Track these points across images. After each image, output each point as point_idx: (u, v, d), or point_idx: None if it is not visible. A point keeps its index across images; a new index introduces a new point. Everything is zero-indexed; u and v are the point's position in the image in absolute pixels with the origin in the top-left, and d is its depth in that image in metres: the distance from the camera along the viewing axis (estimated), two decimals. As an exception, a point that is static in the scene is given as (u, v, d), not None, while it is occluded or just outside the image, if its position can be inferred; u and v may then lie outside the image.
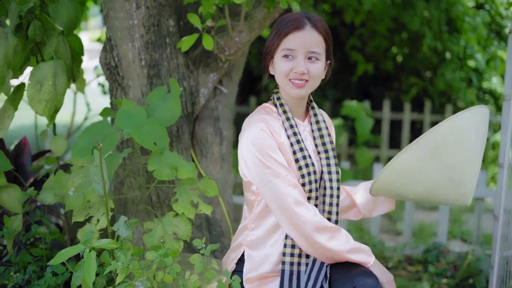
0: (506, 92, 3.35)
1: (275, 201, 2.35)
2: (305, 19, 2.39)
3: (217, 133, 3.41)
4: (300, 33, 2.37)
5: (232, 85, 3.52)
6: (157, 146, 2.69)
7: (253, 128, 2.38)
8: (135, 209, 3.06)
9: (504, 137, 3.32)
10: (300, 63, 2.37)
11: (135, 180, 3.03)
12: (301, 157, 2.41)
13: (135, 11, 2.95)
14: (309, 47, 2.38)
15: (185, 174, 2.74)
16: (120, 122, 2.73)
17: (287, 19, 2.40)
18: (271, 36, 2.42)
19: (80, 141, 2.73)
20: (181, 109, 3.12)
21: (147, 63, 3.00)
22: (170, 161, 2.74)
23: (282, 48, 2.39)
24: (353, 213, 2.78)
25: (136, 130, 2.70)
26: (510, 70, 3.31)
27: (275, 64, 2.43)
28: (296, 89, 2.41)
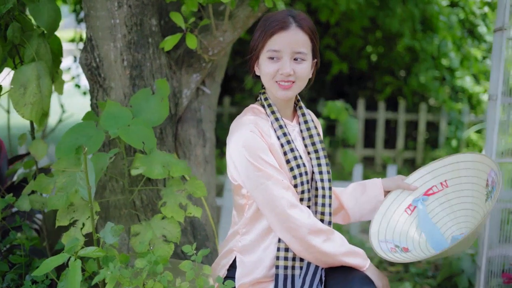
0: (492, 92, 3.33)
1: (268, 204, 2.28)
2: (289, 18, 2.32)
3: (200, 135, 3.34)
4: (285, 34, 2.30)
5: (215, 85, 3.45)
6: (145, 145, 2.62)
7: (243, 130, 2.32)
8: (117, 213, 2.97)
9: (490, 137, 3.30)
10: (286, 65, 2.31)
11: (118, 184, 2.94)
12: (292, 158, 2.35)
13: (116, 10, 2.87)
14: (295, 47, 2.32)
15: (178, 172, 2.67)
16: (105, 123, 2.65)
17: (271, 18, 2.33)
18: (255, 36, 2.35)
19: (64, 141, 2.64)
20: (165, 110, 3.04)
21: (129, 63, 2.91)
22: (161, 159, 2.67)
23: (267, 49, 2.32)
24: (341, 216, 2.70)
25: (123, 129, 2.62)
26: (495, 69, 3.29)
27: (261, 65, 2.36)
28: (282, 91, 2.35)
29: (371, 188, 2.63)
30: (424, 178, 2.64)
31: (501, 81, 3.21)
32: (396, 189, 2.63)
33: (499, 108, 3.22)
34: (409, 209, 2.60)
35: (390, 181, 2.65)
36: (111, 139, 2.82)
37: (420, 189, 2.63)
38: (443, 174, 2.62)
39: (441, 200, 2.61)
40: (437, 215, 2.60)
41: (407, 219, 2.59)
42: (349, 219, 2.68)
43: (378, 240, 2.50)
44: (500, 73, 3.21)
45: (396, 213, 2.59)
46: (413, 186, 2.61)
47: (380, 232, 2.53)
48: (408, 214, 2.59)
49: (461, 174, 2.57)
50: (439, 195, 2.61)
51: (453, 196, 2.59)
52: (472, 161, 2.54)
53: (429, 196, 2.62)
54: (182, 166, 2.68)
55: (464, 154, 2.58)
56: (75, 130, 2.68)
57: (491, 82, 3.36)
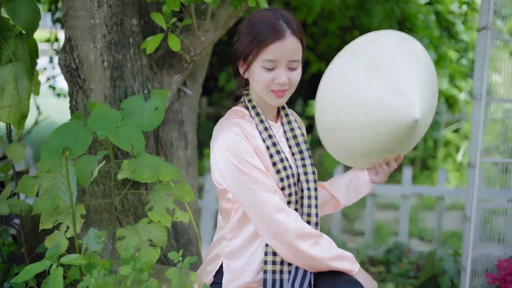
0: (476, 91, 3.31)
1: (254, 209, 2.23)
2: (284, 25, 2.24)
3: (182, 137, 3.28)
4: (281, 43, 2.23)
5: (196, 86, 3.40)
6: (134, 148, 2.56)
7: (227, 133, 2.26)
8: (98, 218, 2.90)
9: (475, 137, 3.29)
10: (282, 74, 2.25)
11: (98, 188, 2.87)
12: (278, 160, 2.30)
13: (96, 10, 2.80)
14: (291, 56, 2.26)
15: (168, 176, 2.61)
16: (93, 125, 2.58)
17: (263, 24, 2.24)
18: (245, 40, 2.26)
19: (50, 142, 2.55)
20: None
21: (109, 64, 2.85)
22: (150, 163, 2.61)
23: (262, 58, 2.24)
24: (332, 206, 2.64)
25: (112, 131, 2.55)
26: (479, 68, 3.28)
27: (253, 72, 2.29)
28: (277, 99, 2.30)
29: (352, 171, 2.62)
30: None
31: (485, 80, 3.20)
32: (382, 181, 2.62)
33: (484, 108, 3.21)
34: None
35: (375, 173, 2.62)
36: (98, 140, 2.75)
37: None
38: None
39: None
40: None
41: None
42: (339, 204, 2.63)
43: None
44: (484, 72, 3.20)
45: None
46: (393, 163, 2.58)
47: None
48: None
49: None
50: None
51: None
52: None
53: None
54: (171, 170, 2.63)
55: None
56: (62, 130, 2.59)
57: (474, 81, 3.35)
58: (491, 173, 3.75)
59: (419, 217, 6.98)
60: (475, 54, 3.35)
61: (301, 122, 2.56)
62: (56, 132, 2.58)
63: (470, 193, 3.32)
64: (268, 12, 2.29)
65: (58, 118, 9.48)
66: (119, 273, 2.21)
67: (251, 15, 2.32)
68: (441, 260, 4.46)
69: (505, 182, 3.75)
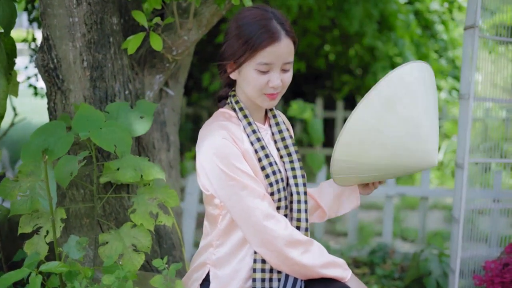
0: (463, 91, 3.26)
1: (242, 216, 2.15)
2: (277, 26, 2.16)
3: (164, 139, 3.20)
4: (277, 46, 2.14)
5: (179, 87, 3.31)
6: (118, 149, 2.47)
7: (214, 137, 2.17)
8: (78, 223, 2.81)
9: (462, 137, 3.24)
10: (276, 77, 2.17)
11: (78, 192, 2.78)
12: (267, 164, 2.22)
13: (75, 8, 2.70)
14: (285, 58, 2.18)
15: (152, 175, 2.52)
16: (77, 126, 2.49)
17: (255, 24, 2.14)
18: (236, 43, 2.16)
19: (31, 142, 2.46)
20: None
21: (89, 64, 2.75)
22: (133, 163, 2.52)
23: (256, 62, 2.15)
24: (317, 215, 2.56)
25: (94, 131, 2.46)
26: (467, 68, 3.23)
27: (245, 75, 2.19)
28: (269, 101, 2.23)
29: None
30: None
31: (473, 80, 3.15)
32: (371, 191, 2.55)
33: (472, 107, 3.16)
34: None
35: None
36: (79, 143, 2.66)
37: None
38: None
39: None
40: None
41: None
42: (325, 214, 2.54)
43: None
44: (472, 72, 3.15)
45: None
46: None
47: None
48: None
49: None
50: None
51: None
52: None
53: None
54: (155, 169, 2.54)
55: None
56: (43, 131, 2.50)
57: (462, 81, 3.30)
58: (471, 172, 3.72)
59: (401, 217, 6.95)
60: (462, 53, 3.31)
61: (289, 124, 2.49)
62: (37, 133, 2.49)
63: (458, 194, 3.27)
64: (258, 10, 2.19)
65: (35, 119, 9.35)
66: (102, 282, 2.13)
67: (239, 14, 2.22)
68: (426, 261, 4.42)
69: (486, 182, 3.73)
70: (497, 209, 3.71)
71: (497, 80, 3.68)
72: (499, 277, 3.34)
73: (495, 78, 3.65)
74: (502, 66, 3.73)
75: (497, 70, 3.71)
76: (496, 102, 3.45)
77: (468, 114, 3.16)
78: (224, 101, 2.37)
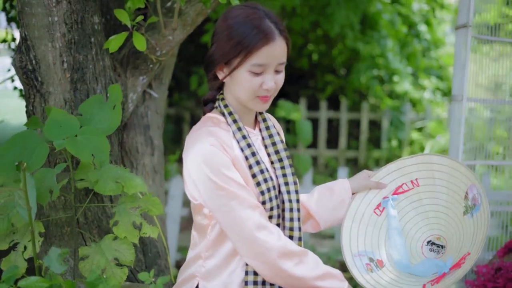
0: (456, 92, 3.18)
1: (233, 227, 2.03)
2: (271, 25, 2.05)
3: (147, 143, 3.08)
4: (272, 46, 2.03)
5: (162, 89, 3.20)
6: (96, 158, 2.35)
7: (202, 144, 2.05)
8: (59, 232, 2.68)
9: (455, 139, 3.15)
10: (270, 78, 2.06)
11: (58, 199, 2.65)
12: (259, 171, 2.11)
13: (55, 6, 2.58)
14: (280, 59, 2.07)
15: (134, 188, 2.39)
16: (49, 133, 2.35)
17: (249, 24, 2.03)
18: (228, 44, 2.04)
19: (3, 156, 2.31)
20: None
21: (69, 65, 2.63)
22: (114, 174, 2.40)
23: (251, 63, 2.03)
24: (310, 225, 2.43)
25: (70, 140, 2.33)
26: (459, 68, 3.15)
27: (238, 77, 2.07)
28: (262, 104, 2.11)
29: (339, 192, 2.39)
30: (392, 175, 2.41)
31: (466, 80, 3.07)
32: (364, 189, 2.41)
33: (465, 109, 3.07)
34: (378, 209, 2.38)
35: (357, 181, 2.41)
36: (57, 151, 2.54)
37: (389, 187, 2.40)
38: (414, 172, 2.39)
39: (412, 198, 2.39)
40: (407, 215, 2.39)
41: (377, 221, 2.37)
42: (318, 226, 2.43)
43: (352, 254, 2.29)
44: (465, 72, 3.06)
45: (365, 216, 2.37)
46: (382, 184, 2.39)
47: (352, 243, 2.31)
48: (378, 215, 2.38)
49: (435, 176, 2.36)
50: (410, 193, 2.39)
51: (425, 196, 2.38)
52: (447, 166, 2.34)
53: (399, 195, 2.40)
54: (137, 181, 2.41)
55: (438, 156, 2.36)
56: (14, 143, 2.35)
57: (454, 82, 3.22)
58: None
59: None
60: (454, 54, 3.22)
61: (279, 127, 2.38)
62: (9, 144, 2.34)
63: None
64: (249, 9, 2.07)
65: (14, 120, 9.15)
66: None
67: (229, 13, 2.09)
68: (415, 265, 4.33)
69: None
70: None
71: (481, 80, 3.61)
72: (492, 282, 3.26)
73: (479, 78, 3.58)
74: (485, 66, 3.66)
75: (480, 70, 3.64)
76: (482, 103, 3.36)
77: (461, 115, 3.08)
78: (211, 104, 2.25)
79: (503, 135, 3.76)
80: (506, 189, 3.92)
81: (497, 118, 3.84)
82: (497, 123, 3.81)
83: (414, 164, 2.39)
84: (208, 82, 2.23)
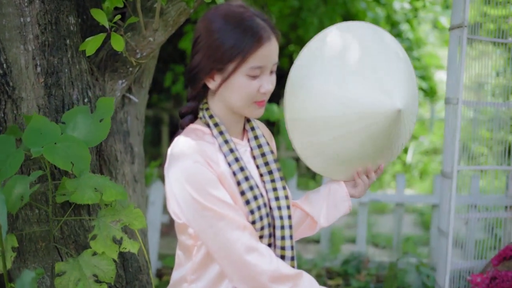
0: (450, 95, 3.04)
1: (221, 250, 1.87)
2: (264, 23, 1.90)
3: (127, 150, 2.91)
4: (268, 46, 1.88)
5: (143, 93, 3.04)
6: (75, 167, 2.19)
7: (185, 160, 1.87)
8: (33, 247, 2.51)
9: (451, 144, 3.02)
10: (267, 81, 1.91)
11: (33, 213, 2.48)
12: (248, 188, 1.93)
13: (27, 6, 2.41)
14: (275, 58, 1.92)
15: (113, 196, 2.22)
16: (28, 140, 2.19)
17: (242, 25, 1.87)
18: (221, 49, 1.87)
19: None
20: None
21: (43, 69, 2.46)
22: (92, 182, 2.23)
23: (249, 66, 1.87)
24: (307, 226, 2.27)
25: (48, 147, 2.18)
26: (454, 70, 3.02)
27: (233, 83, 1.90)
28: (259, 109, 1.95)
29: (332, 183, 2.27)
30: None
31: (461, 83, 2.93)
32: (361, 195, 2.30)
33: (461, 113, 2.94)
34: None
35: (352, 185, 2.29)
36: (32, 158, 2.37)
37: None
38: None
39: None
40: None
41: None
42: (316, 224, 2.26)
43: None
44: (461, 74, 2.93)
45: None
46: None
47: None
48: None
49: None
50: None
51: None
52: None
53: None
54: (117, 190, 2.24)
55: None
56: None
57: (448, 84, 3.09)
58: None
59: (371, 221, 6.76)
60: (448, 55, 3.09)
61: (270, 136, 2.22)
62: None
63: (446, 206, 3.04)
64: (236, 8, 1.91)
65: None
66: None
67: (214, 14, 1.92)
68: (404, 272, 4.23)
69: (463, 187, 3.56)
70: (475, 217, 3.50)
71: (464, 80, 3.51)
72: (488, 292, 3.16)
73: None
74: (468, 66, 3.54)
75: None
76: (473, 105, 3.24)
77: (457, 119, 2.94)
78: (189, 117, 2.08)
79: (486, 136, 3.67)
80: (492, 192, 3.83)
81: (480, 119, 3.76)
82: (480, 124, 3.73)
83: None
84: (189, 95, 2.05)
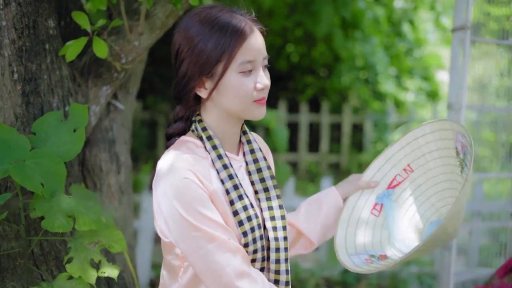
0: (452, 100, 2.90)
1: (209, 274, 1.74)
2: (242, 17, 1.81)
3: (113, 160, 2.77)
4: (253, 38, 1.79)
5: (130, 99, 2.90)
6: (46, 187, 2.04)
7: (174, 176, 1.75)
8: (11, 265, 2.37)
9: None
10: (262, 75, 1.81)
11: (10, 228, 2.34)
12: (241, 208, 1.80)
13: (2, 9, 2.29)
14: (264, 52, 1.83)
15: (86, 225, 2.07)
16: None
17: (221, 22, 1.78)
18: (204, 52, 1.78)
19: None
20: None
21: (21, 76, 2.33)
22: (65, 206, 2.08)
23: (239, 62, 1.77)
24: (302, 245, 2.17)
25: (16, 167, 2.02)
26: (456, 74, 2.88)
27: (227, 84, 1.79)
28: (261, 108, 1.84)
29: (327, 202, 2.15)
30: (383, 170, 2.20)
31: (465, 87, 2.78)
32: (355, 192, 2.18)
33: (464, 119, 2.79)
34: (375, 209, 2.17)
35: (346, 185, 2.19)
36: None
37: (382, 183, 2.19)
38: (403, 158, 2.20)
39: (411, 188, 2.19)
40: (411, 207, 2.18)
41: (376, 221, 2.16)
42: (312, 245, 2.17)
43: (348, 254, 2.06)
44: (464, 78, 2.78)
45: (362, 219, 2.16)
46: (374, 182, 2.17)
47: (349, 245, 2.10)
48: (376, 216, 2.16)
49: (424, 152, 2.16)
50: (406, 184, 2.19)
51: (422, 180, 2.18)
52: (431, 132, 2.14)
53: (394, 189, 2.19)
54: (91, 217, 2.09)
55: (419, 128, 2.17)
56: None
57: (450, 89, 2.95)
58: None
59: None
60: (450, 58, 2.95)
61: (267, 151, 2.09)
62: None
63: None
64: (209, 10, 1.83)
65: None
66: None
67: (187, 23, 1.83)
68: (405, 283, 4.10)
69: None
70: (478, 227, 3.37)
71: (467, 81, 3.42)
72: (493, 305, 3.04)
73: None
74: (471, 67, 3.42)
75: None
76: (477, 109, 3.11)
77: (460, 126, 2.80)
78: (176, 139, 1.94)
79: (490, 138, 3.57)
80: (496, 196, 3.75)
81: (483, 121, 3.65)
82: (484, 126, 3.62)
83: (400, 150, 2.20)
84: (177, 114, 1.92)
